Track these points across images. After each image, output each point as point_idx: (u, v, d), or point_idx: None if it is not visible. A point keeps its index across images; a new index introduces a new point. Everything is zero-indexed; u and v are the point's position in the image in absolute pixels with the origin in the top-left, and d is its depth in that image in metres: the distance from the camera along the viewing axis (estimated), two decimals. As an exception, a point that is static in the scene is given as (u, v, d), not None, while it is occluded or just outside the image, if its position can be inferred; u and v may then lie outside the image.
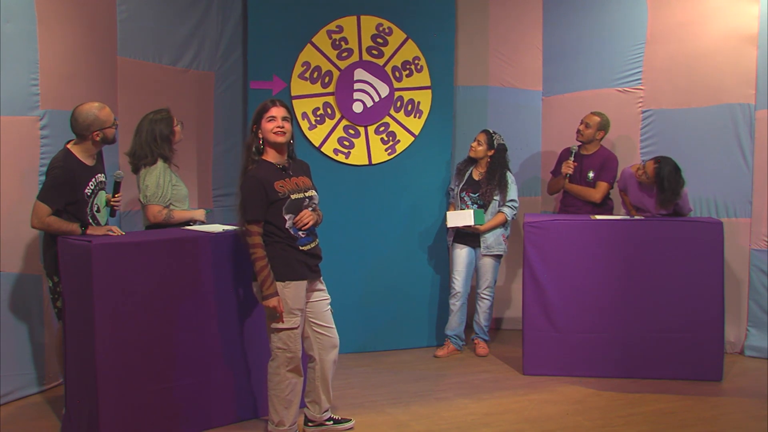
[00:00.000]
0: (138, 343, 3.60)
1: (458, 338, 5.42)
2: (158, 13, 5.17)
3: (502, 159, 5.31)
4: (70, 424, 3.72)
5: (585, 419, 4.14)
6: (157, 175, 4.16)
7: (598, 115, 5.39)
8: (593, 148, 5.44)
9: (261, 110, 3.67)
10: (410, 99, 5.48)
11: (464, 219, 5.20)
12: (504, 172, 5.30)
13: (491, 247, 5.28)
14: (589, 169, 5.38)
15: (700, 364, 4.75)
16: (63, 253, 3.65)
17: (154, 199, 4.16)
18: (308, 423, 3.93)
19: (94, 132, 3.84)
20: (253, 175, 3.60)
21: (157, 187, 4.15)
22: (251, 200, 3.56)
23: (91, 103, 3.89)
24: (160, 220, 4.18)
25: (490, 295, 5.39)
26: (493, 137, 5.29)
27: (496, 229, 5.28)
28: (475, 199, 5.30)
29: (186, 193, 4.37)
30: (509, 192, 5.27)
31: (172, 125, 4.28)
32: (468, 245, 5.35)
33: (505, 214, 5.26)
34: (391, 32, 5.42)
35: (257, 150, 3.67)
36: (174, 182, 4.26)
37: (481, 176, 5.33)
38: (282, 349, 3.64)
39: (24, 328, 4.32)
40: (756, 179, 5.37)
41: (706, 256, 4.72)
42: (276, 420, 3.71)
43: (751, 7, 5.32)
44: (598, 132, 5.38)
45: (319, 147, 5.28)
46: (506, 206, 5.27)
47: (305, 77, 5.25)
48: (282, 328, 3.61)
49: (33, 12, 4.23)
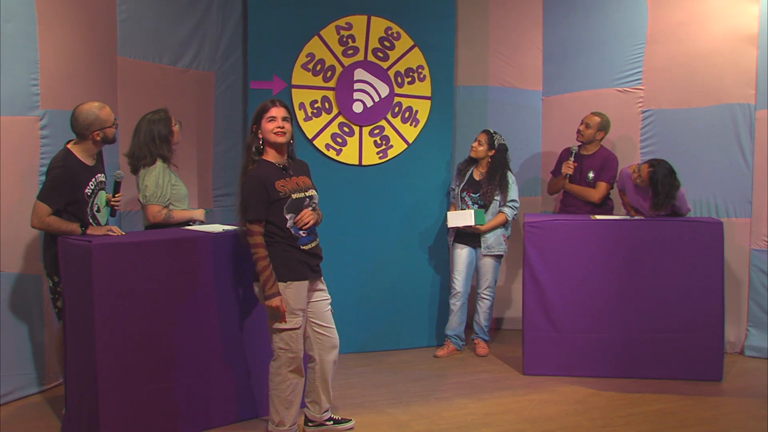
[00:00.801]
0: (138, 343, 3.60)
1: (458, 338, 5.42)
2: (158, 13, 5.17)
3: (502, 159, 5.32)
4: (70, 424, 3.72)
5: (585, 419, 4.14)
6: (156, 175, 4.16)
7: (599, 116, 5.39)
8: (593, 149, 5.44)
9: (261, 110, 3.67)
10: (408, 106, 5.49)
11: (465, 219, 5.20)
12: (505, 172, 5.30)
13: (492, 247, 5.28)
14: (590, 170, 5.38)
15: (700, 364, 4.75)
16: (63, 253, 3.65)
17: (153, 199, 4.16)
18: (308, 423, 3.93)
19: (95, 132, 3.84)
20: (253, 174, 3.60)
21: (157, 187, 4.15)
22: (252, 200, 3.55)
23: (92, 102, 3.89)
24: (160, 220, 4.18)
25: (491, 295, 5.39)
26: (493, 137, 5.30)
27: (497, 230, 5.28)
28: (476, 199, 5.30)
29: (185, 193, 4.37)
30: (510, 192, 5.27)
31: (170, 125, 4.28)
32: (468, 245, 5.35)
33: (505, 214, 5.26)
34: (399, 37, 5.42)
35: (257, 150, 3.67)
36: (173, 182, 4.26)
37: (482, 176, 5.33)
38: (284, 350, 3.63)
39: (24, 328, 4.32)
40: (756, 179, 5.37)
41: (706, 256, 4.72)
42: (276, 420, 3.70)
43: (751, 7, 5.33)
44: (598, 132, 5.38)
45: (311, 139, 5.27)
46: (507, 206, 5.27)
47: (308, 68, 5.25)
48: (284, 328, 3.61)
49: (33, 12, 4.23)
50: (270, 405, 3.72)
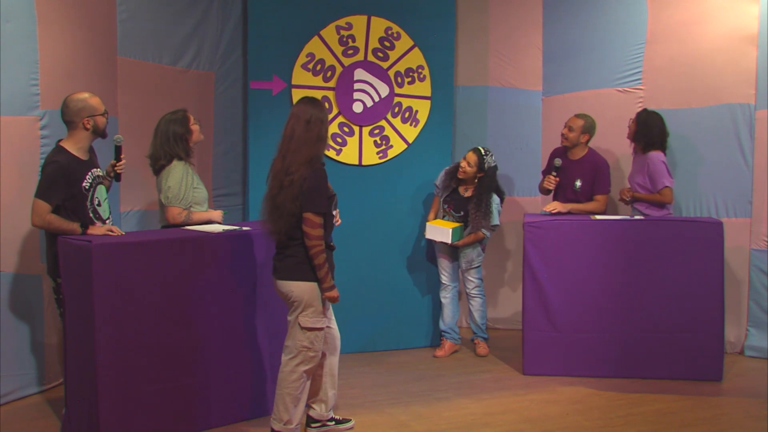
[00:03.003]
0: (138, 343, 3.60)
1: (453, 331, 5.41)
2: (158, 13, 5.17)
3: (490, 182, 5.19)
4: (70, 424, 3.72)
5: (585, 419, 4.14)
6: (180, 177, 4.15)
7: (582, 118, 5.22)
8: (580, 153, 5.27)
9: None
10: (408, 106, 5.48)
11: (442, 235, 5.18)
12: (490, 198, 5.16)
13: (472, 261, 5.31)
14: (576, 178, 5.22)
15: (700, 364, 4.75)
16: (63, 253, 3.65)
17: (175, 201, 4.14)
18: (312, 424, 3.93)
19: (85, 119, 3.84)
20: (322, 169, 3.62)
21: (179, 190, 4.14)
22: (323, 192, 3.56)
23: (82, 92, 3.90)
24: (180, 222, 4.17)
25: (480, 292, 5.39)
26: (484, 159, 5.14)
27: (476, 244, 5.28)
28: (457, 217, 5.26)
29: (206, 196, 4.36)
30: (492, 218, 5.18)
31: (187, 124, 4.27)
32: (449, 257, 5.38)
33: (484, 234, 5.23)
34: (399, 37, 5.42)
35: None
36: (195, 185, 4.25)
37: (468, 193, 5.26)
38: (307, 348, 3.63)
39: (24, 328, 4.32)
40: (756, 179, 5.37)
41: (706, 256, 4.72)
42: (285, 419, 3.67)
43: (751, 7, 5.32)
44: (582, 135, 5.20)
45: None
46: (486, 230, 5.23)
47: (308, 68, 5.25)
48: (314, 327, 3.62)
49: (33, 12, 4.23)
50: (278, 404, 3.67)
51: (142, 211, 5.13)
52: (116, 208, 4.68)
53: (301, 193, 3.50)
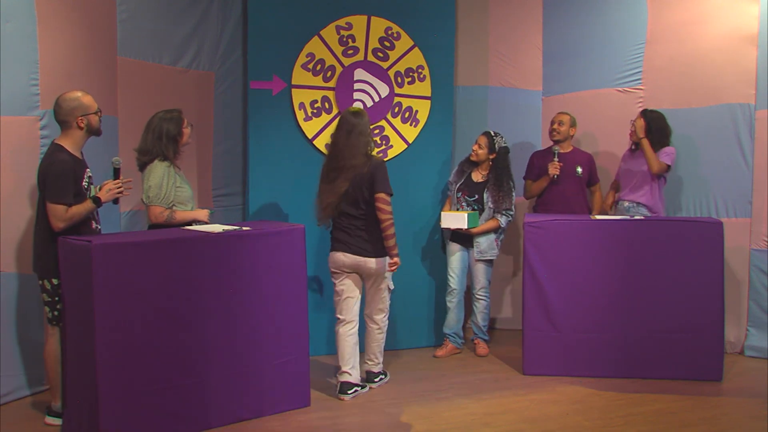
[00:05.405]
0: (138, 343, 3.60)
1: (457, 336, 5.42)
2: (158, 13, 5.17)
3: (504, 163, 5.30)
4: (70, 425, 3.72)
5: (585, 419, 4.14)
6: (161, 176, 4.17)
7: (566, 113, 5.60)
8: (568, 147, 5.62)
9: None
10: (408, 106, 5.48)
11: (458, 222, 5.19)
12: (510, 179, 5.29)
13: (484, 252, 5.29)
14: (576, 165, 5.50)
15: (700, 364, 4.75)
16: (63, 253, 3.65)
17: (156, 200, 4.17)
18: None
19: (78, 118, 3.84)
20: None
21: (160, 189, 4.16)
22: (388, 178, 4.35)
23: (74, 91, 3.90)
24: (162, 221, 4.19)
25: (485, 294, 5.39)
26: (494, 140, 5.28)
27: (490, 234, 5.28)
28: (471, 202, 5.29)
29: (190, 195, 4.37)
30: (510, 200, 5.28)
31: (181, 126, 4.28)
32: (462, 245, 5.35)
33: (499, 221, 5.26)
34: (399, 37, 5.42)
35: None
36: (178, 184, 4.26)
37: (483, 179, 5.32)
38: (387, 305, 4.59)
39: (24, 328, 4.32)
40: (756, 179, 5.37)
41: (706, 256, 4.72)
42: (381, 367, 4.67)
43: (751, 7, 5.33)
44: (571, 128, 5.57)
45: (311, 139, 5.26)
46: (503, 215, 5.26)
47: (308, 68, 5.25)
48: (391, 288, 4.57)
49: (33, 12, 4.23)
50: (375, 355, 4.62)
51: (143, 211, 5.13)
52: (116, 208, 4.68)
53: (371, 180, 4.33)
